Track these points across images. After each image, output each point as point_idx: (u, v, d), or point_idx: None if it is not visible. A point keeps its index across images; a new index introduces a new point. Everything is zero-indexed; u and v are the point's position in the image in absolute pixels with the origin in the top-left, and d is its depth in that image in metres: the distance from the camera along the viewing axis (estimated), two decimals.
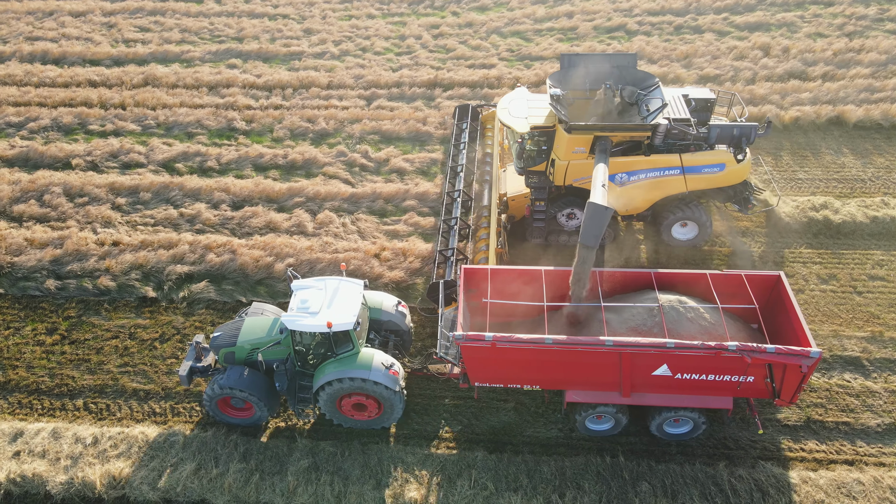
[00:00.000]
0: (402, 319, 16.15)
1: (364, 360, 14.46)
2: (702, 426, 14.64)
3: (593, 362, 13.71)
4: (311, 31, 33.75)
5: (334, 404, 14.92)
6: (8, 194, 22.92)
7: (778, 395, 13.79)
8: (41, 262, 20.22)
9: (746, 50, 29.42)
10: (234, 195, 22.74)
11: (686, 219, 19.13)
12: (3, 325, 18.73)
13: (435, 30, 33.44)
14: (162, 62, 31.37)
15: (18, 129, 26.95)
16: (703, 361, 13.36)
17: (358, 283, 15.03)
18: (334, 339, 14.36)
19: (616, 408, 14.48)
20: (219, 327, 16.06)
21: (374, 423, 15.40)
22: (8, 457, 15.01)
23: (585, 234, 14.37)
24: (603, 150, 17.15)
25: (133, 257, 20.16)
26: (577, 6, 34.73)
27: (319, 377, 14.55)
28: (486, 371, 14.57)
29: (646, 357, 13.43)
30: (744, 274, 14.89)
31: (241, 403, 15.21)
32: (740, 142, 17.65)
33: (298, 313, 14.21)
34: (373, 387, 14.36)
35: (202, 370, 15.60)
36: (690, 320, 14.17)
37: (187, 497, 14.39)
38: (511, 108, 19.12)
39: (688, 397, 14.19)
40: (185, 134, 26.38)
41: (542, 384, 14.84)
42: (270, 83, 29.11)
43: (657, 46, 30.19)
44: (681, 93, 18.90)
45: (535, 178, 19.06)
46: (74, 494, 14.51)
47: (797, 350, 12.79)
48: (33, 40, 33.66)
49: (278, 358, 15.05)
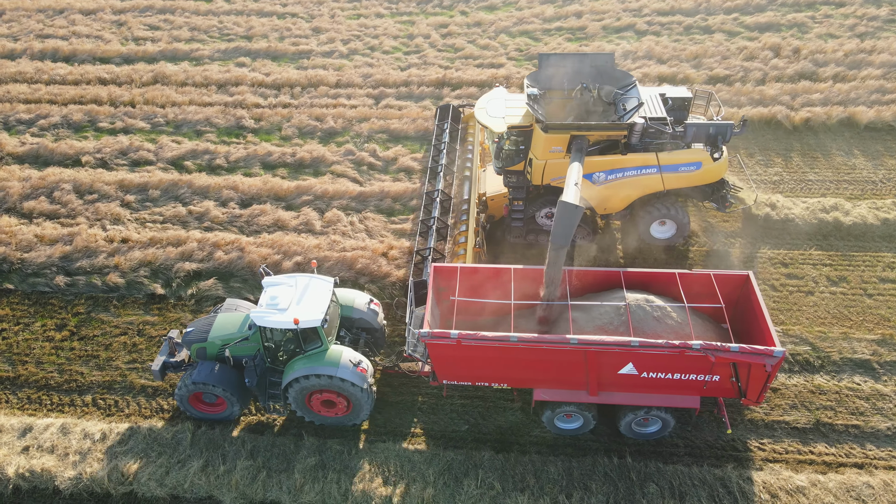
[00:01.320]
0: (374, 317, 16.18)
1: (332, 358, 14.51)
2: (671, 425, 14.64)
3: (559, 360, 13.72)
4: (320, 30, 33.80)
5: (303, 401, 14.98)
6: (18, 191, 23.05)
7: (744, 395, 13.80)
8: (51, 259, 20.33)
9: (757, 50, 29.27)
10: (242, 193, 22.79)
11: (665, 217, 19.16)
12: (13, 321, 18.84)
13: (443, 29, 33.42)
14: (171, 60, 31.48)
15: (29, 126, 27.11)
16: (668, 360, 13.35)
17: (328, 280, 15.09)
18: (303, 336, 14.42)
19: (584, 406, 14.51)
20: (191, 323, 16.19)
21: (343, 421, 15.44)
22: (17, 452, 15.09)
23: (556, 233, 14.43)
24: (579, 149, 17.26)
25: (142, 254, 20.24)
26: (585, 6, 34.64)
27: (288, 373, 14.62)
28: (453, 369, 14.62)
29: (611, 356, 13.43)
30: (712, 273, 14.85)
31: (213, 399, 15.32)
32: (716, 140, 17.73)
33: (267, 309, 14.28)
34: (340, 384, 14.40)
35: (175, 365, 15.68)
36: (657, 319, 14.16)
37: (194, 494, 14.44)
38: (488, 107, 19.18)
39: (655, 396, 14.21)
40: (194, 132, 26.46)
41: (510, 382, 14.89)
42: (279, 82, 29.17)
43: (666, 47, 30.07)
44: (658, 92, 18.97)
45: (513, 178, 19.13)
46: (83, 490, 14.58)
47: (760, 349, 12.75)
48: (44, 38, 33.85)
49: (248, 354, 15.13)
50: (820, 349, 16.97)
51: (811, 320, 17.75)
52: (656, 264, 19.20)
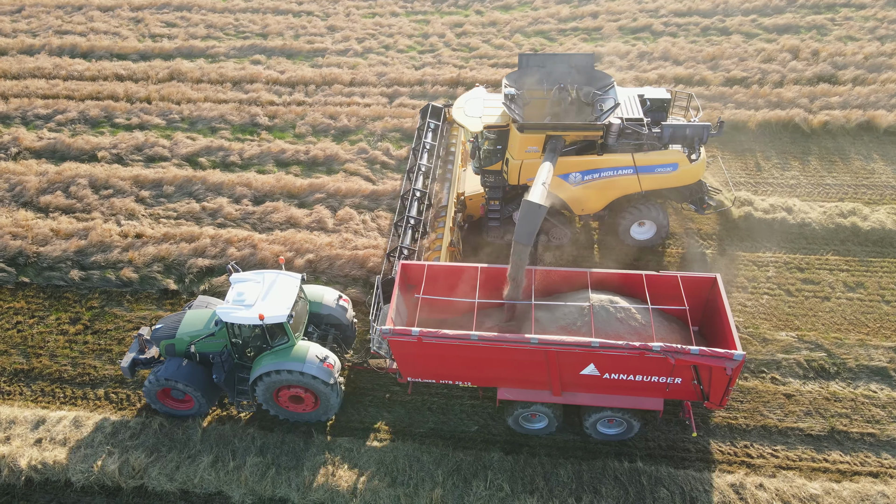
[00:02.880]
0: (343, 313, 16.23)
1: (299, 353, 14.56)
2: (635, 427, 14.56)
3: (521, 360, 13.67)
4: (335, 29, 33.86)
5: (271, 396, 15.04)
6: (35, 185, 23.28)
7: (707, 398, 13.70)
8: (66, 253, 20.51)
9: (775, 52, 28.94)
10: (255, 190, 22.87)
11: (644, 218, 19.08)
12: (29, 314, 19.02)
13: (458, 28, 33.36)
14: (187, 57, 31.66)
15: (46, 121, 27.38)
16: (629, 362, 13.27)
17: (295, 276, 15.12)
18: (269, 332, 14.48)
19: (548, 406, 14.48)
20: (161, 319, 16.26)
21: (311, 416, 15.50)
22: (30, 444, 15.23)
23: (520, 232, 14.47)
24: (552, 149, 17.26)
25: (155, 250, 20.36)
26: (602, 6, 34.44)
27: (255, 369, 14.69)
28: (416, 366, 14.66)
29: (572, 356, 13.37)
30: (679, 275, 14.74)
31: (181, 395, 15.38)
32: (693, 142, 17.62)
33: (233, 305, 14.33)
34: (307, 379, 14.46)
35: (145, 362, 15.77)
36: (620, 320, 14.11)
37: (204, 489, 14.50)
38: (466, 107, 19.20)
39: (618, 398, 14.15)
40: (209, 129, 26.60)
41: (474, 381, 14.89)
42: (294, 79, 29.25)
43: (683, 48, 29.82)
44: (637, 93, 18.91)
45: (490, 178, 19.13)
46: (94, 483, 14.70)
47: (720, 352, 12.65)
48: (62, 34, 34.17)
49: (214, 350, 15.21)
50: (836, 356, 16.74)
51: (827, 326, 17.52)
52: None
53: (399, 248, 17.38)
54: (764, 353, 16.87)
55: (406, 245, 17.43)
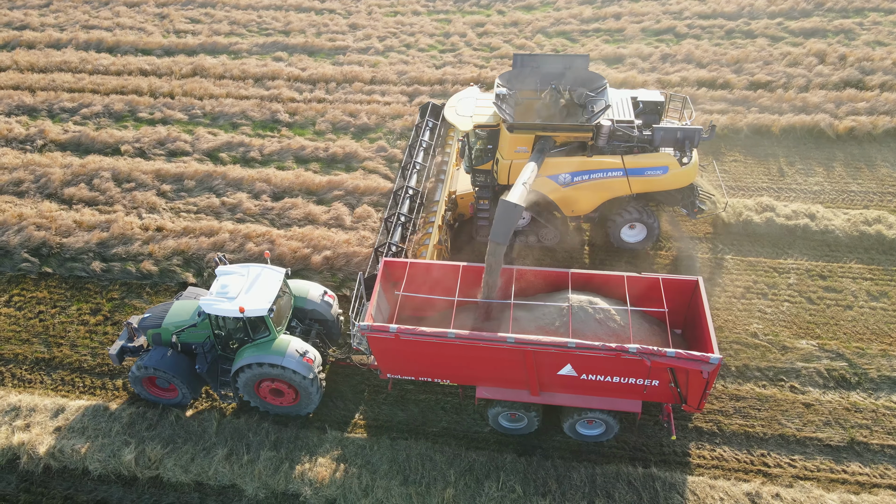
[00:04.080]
0: (328, 309, 16.31)
1: (279, 347, 14.67)
2: (614, 429, 14.49)
3: (498, 359, 13.63)
4: (357, 27, 33.98)
5: (252, 388, 15.19)
6: (60, 177, 23.64)
7: (685, 401, 13.60)
8: (88, 244, 20.81)
9: (800, 56, 28.52)
10: (274, 186, 23.03)
11: (635, 221, 18.96)
12: (51, 304, 19.33)
13: (480, 28, 33.31)
14: (210, 53, 31.97)
15: (72, 114, 27.80)
16: (606, 363, 13.18)
17: (280, 270, 15.23)
18: (251, 325, 14.61)
19: (527, 406, 14.45)
20: (149, 309, 16.50)
21: (293, 410, 15.61)
22: (49, 431, 15.47)
23: (495, 231, 14.52)
24: (540, 149, 17.24)
25: (175, 243, 20.58)
26: (625, 7, 34.18)
27: (237, 361, 14.84)
28: (395, 363, 14.70)
29: (549, 356, 13.30)
30: (661, 277, 14.59)
31: (166, 384, 15.59)
32: (684, 145, 17.47)
33: (216, 297, 14.48)
34: (286, 373, 14.56)
35: (133, 350, 16.03)
36: (599, 321, 14.03)
37: (218, 481, 14.63)
38: (458, 106, 19.18)
39: (596, 399, 14.09)
40: (230, 124, 26.83)
41: (453, 379, 14.89)
42: (315, 77, 29.39)
43: (707, 50, 29.49)
44: (630, 95, 18.80)
45: (481, 177, 19.14)
46: (111, 471, 14.90)
47: (696, 355, 12.50)
48: (89, 28, 34.67)
49: (197, 341, 15.39)
50: (857, 365, 16.46)
51: (849, 335, 17.23)
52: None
53: (387, 244, 17.47)
54: (783, 361, 16.63)
55: (394, 242, 17.51)
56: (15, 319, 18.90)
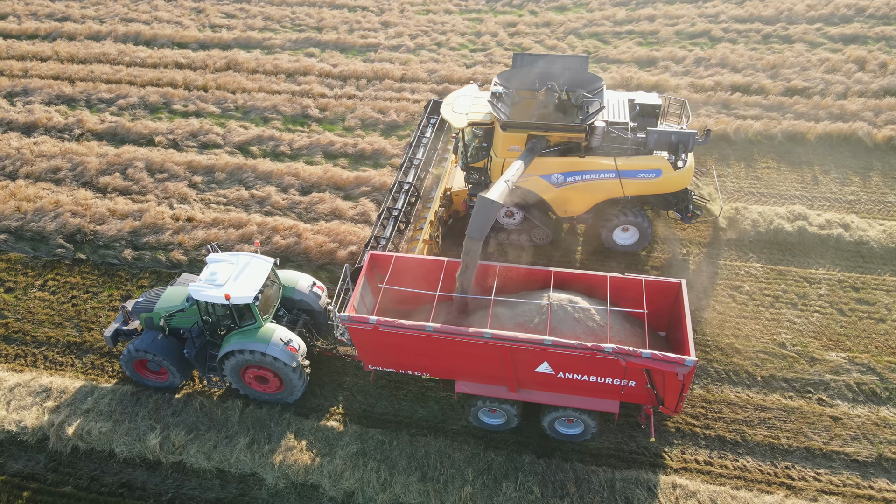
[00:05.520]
0: (316, 300, 16.52)
1: (264, 335, 14.95)
2: (592, 428, 14.43)
3: (476, 354, 13.64)
4: (389, 24, 34.14)
5: (238, 375, 15.49)
6: (95, 166, 24.19)
7: (662, 403, 13.52)
8: (121, 233, 21.27)
9: (839, 63, 27.88)
10: (303, 180, 23.26)
11: (627, 224, 18.86)
12: (83, 289, 19.79)
13: (512, 28, 33.21)
14: (244, 48, 32.40)
15: (109, 105, 28.41)
16: (582, 362, 13.14)
17: (268, 260, 15.47)
18: (238, 312, 14.90)
19: (506, 402, 14.47)
20: (143, 293, 16.95)
21: (277, 398, 15.89)
22: (79, 414, 15.86)
23: (472, 227, 14.62)
24: (531, 149, 17.26)
25: (204, 234, 20.92)
26: (659, 10, 33.78)
27: (223, 347, 15.16)
28: (376, 354, 14.82)
29: (526, 353, 13.27)
30: (644, 279, 14.47)
31: (157, 367, 15.96)
32: (678, 149, 17.33)
33: (205, 284, 14.80)
34: (269, 360, 14.81)
35: (127, 333, 16.45)
36: (577, 320, 13.98)
37: (239, 469, 14.85)
38: (455, 104, 19.25)
39: (574, 398, 14.07)
40: (261, 118, 27.17)
41: (433, 372, 14.95)
42: (346, 73, 29.61)
43: (742, 55, 29.00)
44: (628, 97, 18.75)
45: (475, 175, 19.16)
46: (136, 455, 15.24)
47: (672, 357, 12.38)
48: (128, 21, 35.40)
49: (185, 326, 15.71)
50: (888, 380, 16.06)
51: (881, 349, 16.82)
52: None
53: (375, 237, 17.60)
54: (811, 373, 16.31)
55: (385, 236, 17.67)
56: (49, 303, 19.41)
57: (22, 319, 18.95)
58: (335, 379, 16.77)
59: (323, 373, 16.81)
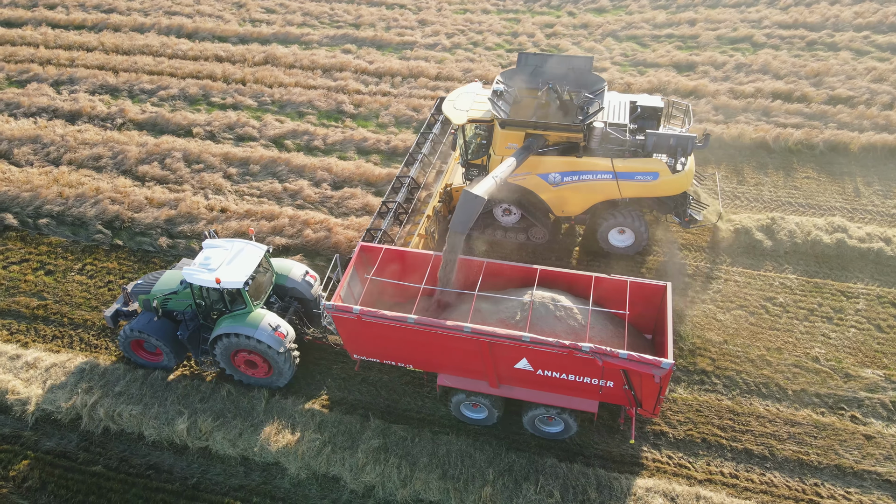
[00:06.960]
0: (308, 288, 16.72)
1: (253, 319, 15.27)
2: (573, 427, 14.38)
3: (457, 347, 13.68)
4: (426, 23, 34.22)
5: (229, 358, 15.85)
6: (135, 155, 24.77)
7: (640, 405, 13.42)
8: (157, 221, 21.75)
9: (887, 73, 27.07)
10: (335, 175, 23.48)
11: (623, 226, 18.72)
12: (119, 275, 20.29)
13: (549, 29, 33.02)
14: (283, 43, 32.82)
15: (150, 95, 29.06)
16: (560, 360, 13.10)
17: (261, 247, 15.75)
18: (229, 297, 15.24)
19: (486, 397, 14.52)
20: (143, 276, 17.45)
21: (266, 382, 16.28)
22: (111, 395, 16.27)
23: (455, 220, 14.80)
24: (526, 147, 17.25)
25: (237, 225, 21.26)
26: (700, 14, 33.22)
27: (214, 331, 15.48)
28: (360, 344, 14.99)
29: (505, 348, 13.27)
30: (629, 280, 14.34)
31: (153, 348, 16.36)
32: (677, 152, 17.17)
33: (199, 268, 15.13)
34: (257, 345, 15.18)
35: (127, 314, 16.98)
36: (558, 318, 13.93)
37: (263, 458, 15.06)
38: (457, 100, 19.33)
39: (553, 395, 14.08)
40: (297, 113, 27.49)
41: (416, 364, 15.08)
42: (381, 70, 29.78)
43: (785, 61, 28.36)
44: (629, 99, 18.69)
45: (475, 172, 19.19)
46: (164, 438, 15.57)
47: (648, 359, 12.28)
48: (171, 14, 36.14)
49: (178, 308, 16.09)
50: None
51: None
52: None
53: (369, 230, 17.63)
54: (845, 389, 15.89)
55: (377, 228, 17.73)
56: (86, 287, 19.94)
57: (60, 302, 19.50)
58: (360, 374, 16.91)
59: (349, 367, 16.96)
